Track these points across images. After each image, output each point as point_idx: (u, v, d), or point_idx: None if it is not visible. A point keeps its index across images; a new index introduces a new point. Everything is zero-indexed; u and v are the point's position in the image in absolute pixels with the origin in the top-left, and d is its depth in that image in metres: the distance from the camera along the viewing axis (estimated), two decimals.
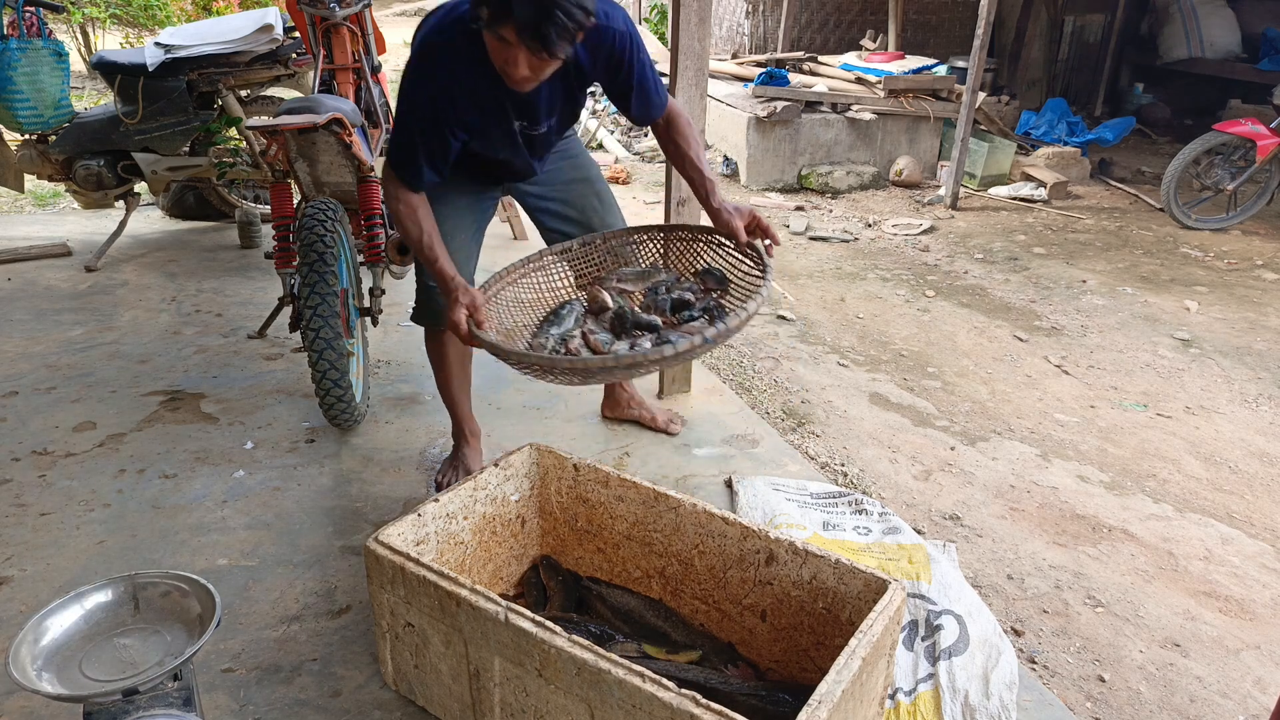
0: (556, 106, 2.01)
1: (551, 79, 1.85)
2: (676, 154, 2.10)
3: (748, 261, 1.93)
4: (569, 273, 2.13)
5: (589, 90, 2.06)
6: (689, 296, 1.92)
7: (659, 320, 1.86)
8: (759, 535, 1.69)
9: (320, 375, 2.50)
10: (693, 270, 2.06)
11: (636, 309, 1.93)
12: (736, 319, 1.62)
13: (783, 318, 4.12)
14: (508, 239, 4.73)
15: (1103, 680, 1.98)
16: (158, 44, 3.95)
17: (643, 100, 2.01)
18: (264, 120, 3.39)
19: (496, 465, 1.92)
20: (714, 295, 1.94)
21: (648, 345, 1.73)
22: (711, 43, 5.12)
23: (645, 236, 2.14)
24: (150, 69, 3.84)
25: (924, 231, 5.62)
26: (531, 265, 2.08)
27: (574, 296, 2.07)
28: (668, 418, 2.84)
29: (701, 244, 2.06)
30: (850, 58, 7.30)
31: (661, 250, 2.13)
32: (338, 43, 3.49)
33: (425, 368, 2.40)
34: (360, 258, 3.00)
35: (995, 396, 3.40)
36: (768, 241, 1.91)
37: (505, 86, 1.79)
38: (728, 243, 1.99)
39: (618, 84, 1.97)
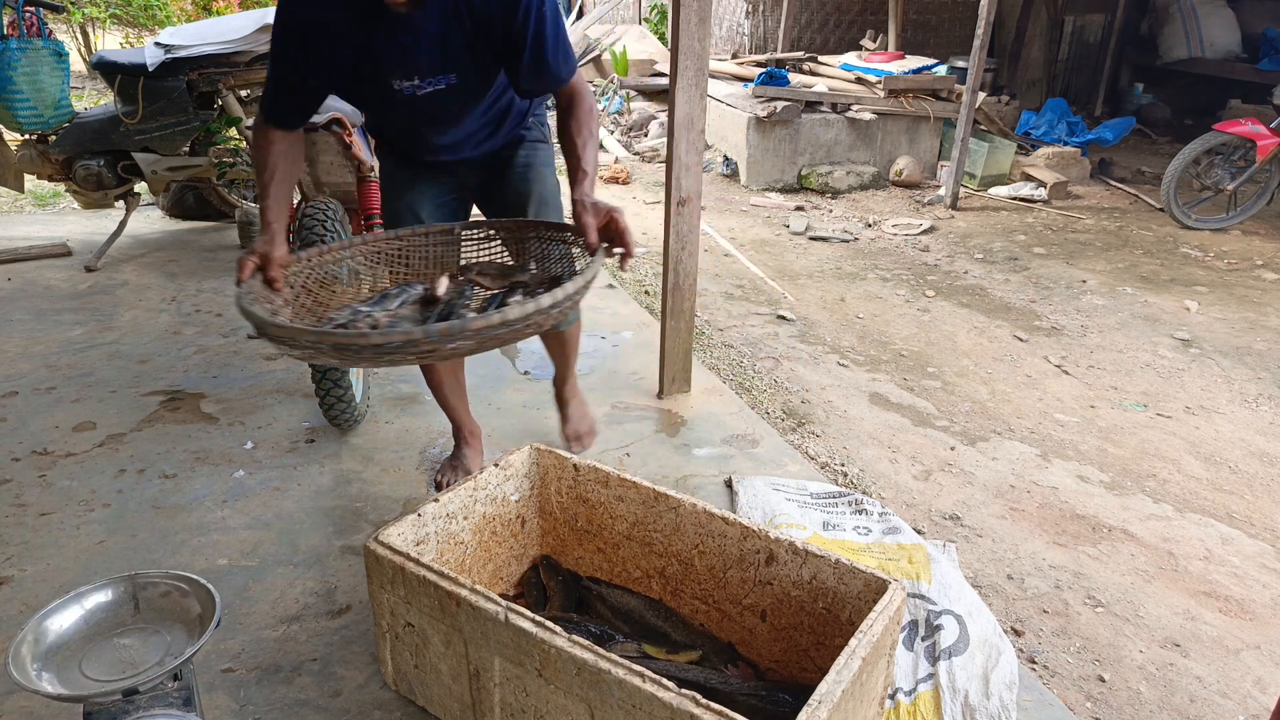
0: (453, 58, 1.76)
1: (441, 19, 1.67)
2: (565, 136, 1.86)
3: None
4: (431, 253, 1.94)
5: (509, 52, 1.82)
6: (517, 297, 1.70)
7: (471, 316, 1.61)
8: (759, 535, 1.69)
9: (320, 375, 2.50)
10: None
11: (469, 304, 1.72)
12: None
13: (783, 318, 4.12)
14: None
15: (1103, 680, 1.98)
16: (158, 44, 3.95)
17: (539, 61, 1.76)
18: None
19: (496, 465, 1.92)
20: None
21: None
22: (711, 43, 5.12)
23: (531, 233, 1.94)
24: (150, 69, 3.84)
25: (924, 231, 5.62)
26: (391, 242, 1.91)
27: (420, 282, 1.88)
28: (575, 432, 2.67)
29: (568, 243, 1.87)
30: (850, 58, 7.30)
31: (538, 248, 1.94)
32: None
33: None
34: None
35: (995, 396, 3.40)
36: (620, 250, 1.66)
37: (377, 25, 1.64)
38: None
39: (514, 35, 1.72)
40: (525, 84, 1.83)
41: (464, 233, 1.97)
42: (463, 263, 1.93)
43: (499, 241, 1.98)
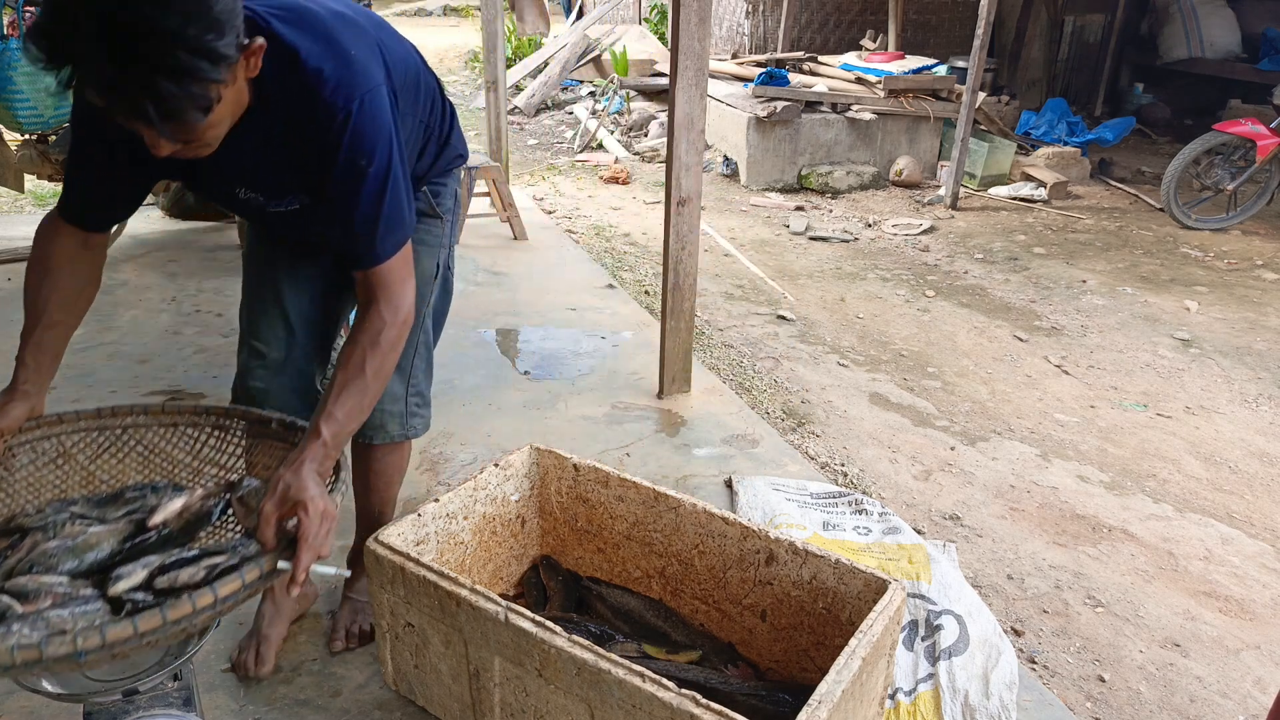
0: (292, 181, 1.38)
1: (259, 144, 1.30)
2: (340, 353, 1.37)
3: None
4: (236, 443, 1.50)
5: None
6: (217, 552, 1.20)
7: (146, 570, 1.17)
8: (759, 535, 1.69)
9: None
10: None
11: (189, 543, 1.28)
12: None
13: (783, 318, 4.12)
14: (507, 239, 4.73)
15: (1103, 680, 1.98)
16: None
17: (345, 227, 1.34)
18: None
19: (496, 465, 1.92)
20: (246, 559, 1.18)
21: None
22: (711, 43, 5.12)
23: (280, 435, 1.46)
24: None
25: (924, 231, 5.62)
26: (151, 418, 1.48)
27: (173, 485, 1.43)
28: (346, 631, 1.89)
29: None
30: (850, 58, 7.30)
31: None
32: None
33: None
34: None
35: (995, 396, 3.40)
36: (284, 565, 1.17)
37: None
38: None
39: (321, 180, 1.32)
40: (342, 249, 1.42)
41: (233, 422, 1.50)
42: (244, 483, 1.36)
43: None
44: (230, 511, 1.34)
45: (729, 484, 2.53)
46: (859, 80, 6.89)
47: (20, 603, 1.11)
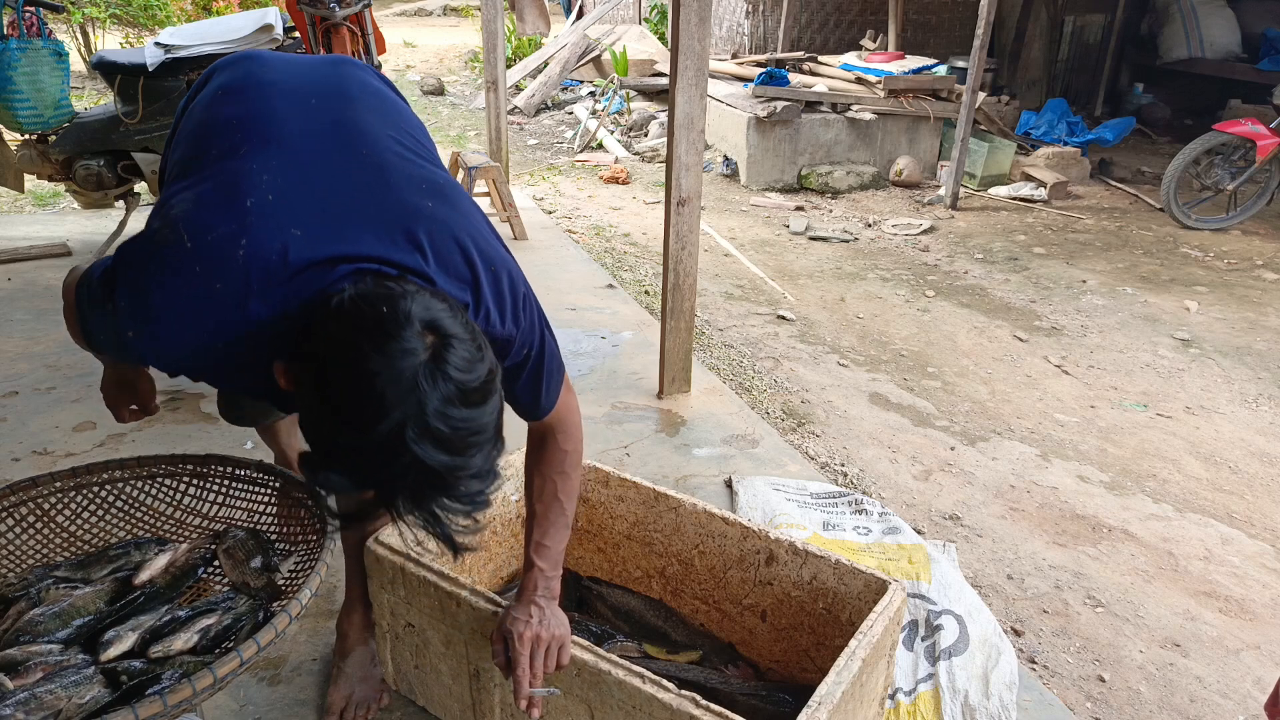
0: None
1: None
2: (528, 483, 1.44)
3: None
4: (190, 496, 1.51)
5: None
6: (208, 611, 1.24)
7: (136, 633, 1.20)
8: (759, 535, 1.69)
9: None
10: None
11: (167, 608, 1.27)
12: None
13: (783, 318, 4.12)
14: (507, 239, 4.72)
15: (1103, 680, 1.98)
16: (158, 44, 3.94)
17: (514, 398, 1.35)
18: None
19: None
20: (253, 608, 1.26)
21: None
22: (711, 43, 5.12)
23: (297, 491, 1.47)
24: (150, 69, 3.83)
25: (924, 231, 5.62)
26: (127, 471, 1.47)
27: (156, 541, 1.43)
28: (343, 699, 1.73)
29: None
30: (850, 58, 7.30)
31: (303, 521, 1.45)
32: (338, 43, 3.49)
33: None
34: None
35: (995, 396, 3.40)
36: (545, 692, 1.32)
37: None
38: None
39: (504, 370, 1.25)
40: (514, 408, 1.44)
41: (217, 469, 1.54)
42: (232, 538, 1.40)
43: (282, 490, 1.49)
44: (216, 563, 1.34)
45: (729, 484, 2.53)
46: (859, 80, 6.89)
47: (10, 676, 1.09)
